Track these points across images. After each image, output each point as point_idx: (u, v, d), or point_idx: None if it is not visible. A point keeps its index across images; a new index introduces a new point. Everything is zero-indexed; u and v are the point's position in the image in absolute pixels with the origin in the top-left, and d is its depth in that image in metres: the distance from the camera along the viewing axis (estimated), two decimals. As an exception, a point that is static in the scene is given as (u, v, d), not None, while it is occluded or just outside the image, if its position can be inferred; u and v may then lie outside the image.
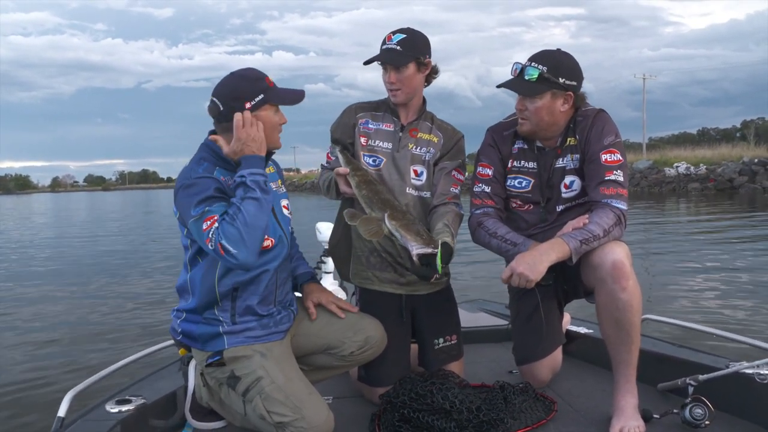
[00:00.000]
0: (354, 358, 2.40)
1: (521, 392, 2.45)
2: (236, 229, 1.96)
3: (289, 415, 2.05)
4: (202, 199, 2.03)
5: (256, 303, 2.21)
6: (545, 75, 2.36)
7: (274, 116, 2.18)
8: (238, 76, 2.16)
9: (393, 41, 2.55)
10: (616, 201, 2.31)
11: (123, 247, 16.03)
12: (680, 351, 2.70)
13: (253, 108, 2.13)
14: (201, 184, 2.06)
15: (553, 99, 2.41)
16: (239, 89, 2.13)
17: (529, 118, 2.45)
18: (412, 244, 2.18)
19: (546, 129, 2.48)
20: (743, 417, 2.25)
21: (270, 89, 2.16)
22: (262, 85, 2.15)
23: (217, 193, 2.06)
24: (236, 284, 2.17)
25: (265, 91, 2.15)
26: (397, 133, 2.66)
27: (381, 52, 2.56)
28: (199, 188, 2.05)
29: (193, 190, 2.05)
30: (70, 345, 6.18)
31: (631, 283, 2.20)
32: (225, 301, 2.18)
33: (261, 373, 2.12)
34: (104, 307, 7.92)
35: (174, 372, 2.61)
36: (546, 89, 2.39)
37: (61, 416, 2.12)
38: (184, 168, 2.17)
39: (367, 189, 2.41)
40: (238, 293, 2.18)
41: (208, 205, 2.03)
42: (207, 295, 2.17)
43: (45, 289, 9.64)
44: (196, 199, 2.03)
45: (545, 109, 2.41)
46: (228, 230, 1.96)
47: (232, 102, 2.12)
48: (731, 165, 31.44)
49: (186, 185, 2.08)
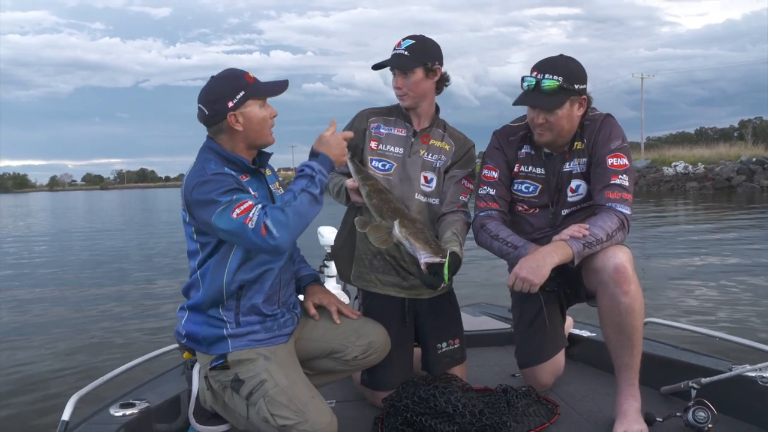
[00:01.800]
0: (357, 363, 2.40)
1: (524, 395, 2.45)
2: (285, 215, 2.01)
3: (292, 419, 2.04)
4: (228, 190, 2.04)
5: (261, 302, 2.20)
6: (564, 85, 2.35)
7: (259, 111, 2.19)
8: (217, 78, 2.20)
9: (402, 47, 2.57)
10: (620, 205, 2.31)
11: (126, 247, 16.03)
12: (683, 354, 2.71)
13: (236, 106, 2.14)
14: (220, 179, 2.07)
15: (570, 107, 2.40)
16: (219, 90, 2.16)
17: (550, 130, 2.43)
18: (421, 252, 2.18)
19: (565, 136, 2.48)
20: (746, 420, 2.26)
21: (250, 85, 2.18)
22: (241, 82, 2.17)
23: (238, 185, 2.09)
24: (242, 282, 2.17)
25: (245, 87, 2.16)
26: (410, 138, 2.67)
27: (392, 57, 2.58)
28: (220, 183, 2.06)
29: (214, 185, 2.05)
30: (74, 349, 6.17)
31: (633, 287, 2.20)
32: (230, 300, 2.18)
33: (265, 376, 2.12)
34: (108, 311, 7.91)
35: (177, 376, 2.61)
36: (565, 99, 2.37)
37: (65, 420, 2.12)
38: (191, 171, 2.16)
39: (377, 198, 2.41)
40: (243, 292, 2.18)
41: (235, 194, 2.04)
42: (215, 292, 2.17)
43: (49, 291, 9.64)
44: (222, 190, 2.04)
45: (565, 118, 2.41)
46: (276, 214, 2.00)
47: (215, 104, 2.15)
48: (729, 164, 31.48)
49: (202, 182, 2.07)
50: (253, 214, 1.99)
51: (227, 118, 2.15)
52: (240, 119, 2.16)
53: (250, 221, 1.98)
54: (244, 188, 2.11)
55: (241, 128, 2.17)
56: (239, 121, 2.16)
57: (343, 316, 2.43)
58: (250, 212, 1.99)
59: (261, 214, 1.99)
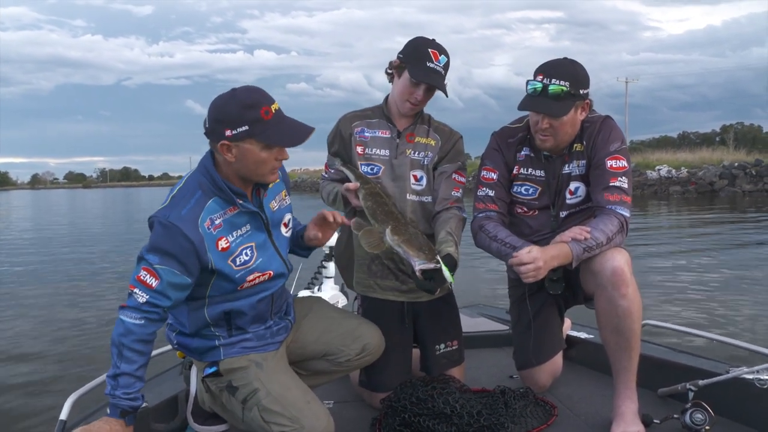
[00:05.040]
0: (351, 364, 2.39)
1: (522, 397, 2.46)
2: (119, 325, 1.91)
3: (288, 426, 2.02)
4: (161, 250, 1.91)
5: (251, 324, 2.17)
6: (571, 91, 2.32)
7: (260, 152, 1.95)
8: (234, 95, 1.94)
9: (441, 63, 2.50)
10: (620, 208, 2.32)
11: (118, 246, 15.91)
12: (680, 356, 2.72)
13: (233, 138, 1.92)
14: (172, 237, 1.92)
15: (575, 112, 2.39)
16: (226, 111, 1.92)
17: (554, 135, 2.41)
18: (415, 259, 2.16)
19: (567, 140, 2.47)
20: (743, 422, 2.28)
21: (259, 122, 1.91)
22: (252, 114, 1.91)
23: (179, 254, 1.91)
24: (227, 309, 2.11)
25: (252, 123, 1.91)
26: (394, 139, 2.63)
27: (429, 71, 2.49)
28: (168, 239, 1.92)
29: (163, 236, 1.92)
30: (72, 349, 6.14)
31: (631, 290, 2.21)
32: (219, 328, 2.14)
33: (257, 385, 2.08)
34: (106, 310, 7.86)
35: (175, 376, 2.60)
36: (571, 105, 2.35)
37: (63, 419, 2.11)
38: (180, 184, 2.05)
39: (372, 201, 2.39)
40: (232, 316, 2.13)
41: (160, 259, 1.90)
42: (198, 324, 2.12)
43: (46, 291, 9.59)
44: (155, 246, 1.92)
45: (569, 123, 2.40)
46: (125, 323, 1.90)
47: (215, 124, 1.94)
48: (712, 168, 31.83)
49: (164, 223, 1.93)
50: (138, 292, 1.90)
51: (219, 146, 1.95)
52: (233, 151, 1.95)
53: (133, 288, 1.92)
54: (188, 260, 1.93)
55: (233, 160, 1.96)
56: (232, 153, 1.95)
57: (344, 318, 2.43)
58: (140, 287, 1.90)
59: (138, 304, 1.90)
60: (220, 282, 2.04)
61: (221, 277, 2.03)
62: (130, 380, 1.90)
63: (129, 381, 1.90)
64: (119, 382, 1.89)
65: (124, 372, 1.89)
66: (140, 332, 1.90)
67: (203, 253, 1.95)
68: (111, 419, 1.90)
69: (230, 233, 2.03)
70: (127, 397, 1.89)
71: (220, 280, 2.03)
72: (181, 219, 1.93)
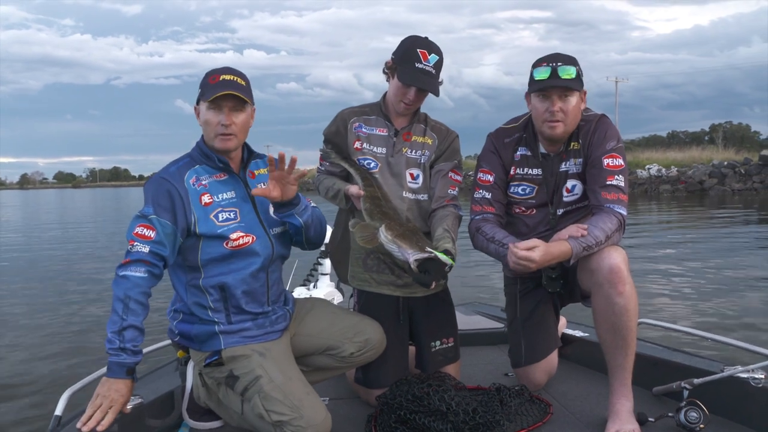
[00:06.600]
0: (353, 360, 2.40)
1: (517, 395, 2.46)
2: (115, 285, 2.02)
3: (287, 414, 2.04)
4: (152, 201, 2.10)
5: (246, 303, 2.20)
6: (579, 75, 2.38)
7: (206, 112, 2.16)
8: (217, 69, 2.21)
9: (430, 62, 2.50)
10: (617, 206, 2.33)
11: (112, 243, 15.87)
12: (675, 355, 2.73)
13: (197, 101, 2.19)
14: (161, 186, 2.12)
15: (579, 98, 2.42)
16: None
17: (564, 120, 2.41)
18: (409, 252, 2.16)
19: (572, 129, 2.47)
20: (738, 421, 2.28)
21: (206, 86, 2.17)
22: (204, 80, 2.18)
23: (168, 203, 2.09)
24: (221, 283, 2.16)
25: (203, 86, 2.18)
26: (391, 138, 2.64)
27: (418, 72, 2.48)
28: (158, 189, 2.11)
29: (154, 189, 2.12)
30: (67, 344, 6.13)
31: (628, 288, 2.21)
32: (216, 302, 2.17)
33: (260, 372, 2.11)
34: (101, 306, 7.83)
35: (171, 371, 2.59)
36: (580, 88, 2.40)
37: (58, 415, 2.11)
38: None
39: (370, 202, 2.42)
40: (227, 294, 2.17)
41: (153, 209, 2.08)
42: (196, 295, 2.19)
43: (40, 287, 9.58)
44: (148, 198, 2.11)
45: (577, 108, 2.42)
46: (120, 282, 2.01)
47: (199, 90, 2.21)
48: (701, 167, 32.06)
49: (154, 179, 2.16)
50: (136, 248, 2.04)
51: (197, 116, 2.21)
52: (198, 116, 2.20)
53: (131, 244, 2.04)
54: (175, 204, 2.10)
55: (200, 125, 2.20)
56: (199, 118, 2.20)
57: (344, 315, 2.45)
58: (137, 245, 2.04)
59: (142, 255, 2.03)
60: (209, 244, 2.14)
61: (208, 239, 2.13)
62: (135, 333, 2.00)
63: (134, 334, 2.00)
64: (125, 336, 1.98)
65: (132, 324, 1.99)
66: (144, 285, 2.02)
67: (188, 206, 2.11)
68: (116, 380, 1.98)
69: (215, 194, 2.17)
70: (134, 350, 2.00)
71: (207, 241, 2.13)
72: (168, 173, 2.15)
